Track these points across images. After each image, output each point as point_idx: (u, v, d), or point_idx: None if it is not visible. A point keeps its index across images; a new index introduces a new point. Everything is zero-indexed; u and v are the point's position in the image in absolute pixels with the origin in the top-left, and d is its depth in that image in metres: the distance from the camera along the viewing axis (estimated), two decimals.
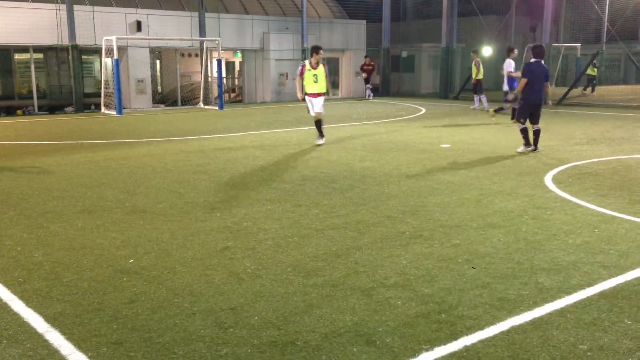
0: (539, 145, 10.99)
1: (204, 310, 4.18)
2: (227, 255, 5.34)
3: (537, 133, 10.90)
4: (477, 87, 20.47)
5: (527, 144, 10.91)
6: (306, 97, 12.18)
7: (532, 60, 10.70)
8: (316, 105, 12.13)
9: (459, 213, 6.73)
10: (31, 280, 4.75)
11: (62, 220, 6.51)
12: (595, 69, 28.48)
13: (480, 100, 20.65)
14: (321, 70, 12.06)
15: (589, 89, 28.44)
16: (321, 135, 12.31)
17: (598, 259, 5.16)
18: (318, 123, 12.27)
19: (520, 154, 10.76)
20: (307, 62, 12.17)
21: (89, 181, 8.64)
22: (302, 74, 12.10)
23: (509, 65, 16.13)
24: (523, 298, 4.34)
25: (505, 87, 16.45)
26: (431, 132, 14.27)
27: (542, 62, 10.70)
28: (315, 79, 12.02)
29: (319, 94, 12.14)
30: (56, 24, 20.30)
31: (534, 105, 10.74)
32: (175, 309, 4.21)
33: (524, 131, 10.89)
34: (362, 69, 26.73)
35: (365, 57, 27.05)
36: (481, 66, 20.17)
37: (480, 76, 20.19)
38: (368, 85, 26.74)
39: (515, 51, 16.63)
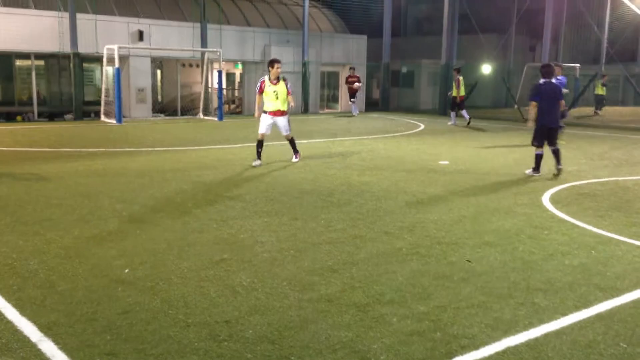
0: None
1: (199, 322, 4.16)
2: (223, 267, 5.33)
3: (556, 152, 10.40)
4: (460, 104, 20.90)
5: (537, 169, 10.43)
6: (263, 114, 11.27)
7: (542, 81, 10.28)
8: (282, 128, 11.37)
9: (455, 230, 6.73)
10: (26, 288, 4.73)
11: (58, 229, 6.49)
12: (604, 89, 28.59)
13: (458, 116, 21.14)
14: (282, 86, 11.10)
15: (596, 108, 28.56)
16: (295, 152, 11.74)
17: (595, 280, 5.16)
18: (292, 141, 11.68)
19: (528, 176, 10.33)
20: (266, 77, 11.19)
21: (87, 189, 8.62)
22: (261, 90, 11.19)
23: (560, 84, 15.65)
24: (519, 318, 4.33)
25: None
26: (430, 149, 14.31)
27: (553, 81, 10.35)
28: (275, 96, 11.08)
29: (281, 113, 11.22)
30: (58, 32, 20.37)
31: (548, 128, 10.23)
32: (169, 320, 4.19)
33: (539, 157, 10.37)
34: (347, 82, 25.46)
35: (351, 68, 25.81)
36: (462, 84, 20.62)
37: (462, 93, 20.77)
38: (353, 100, 25.44)
39: (557, 69, 15.91)
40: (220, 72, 22.25)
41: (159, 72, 25.28)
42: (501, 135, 17.69)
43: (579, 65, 31.79)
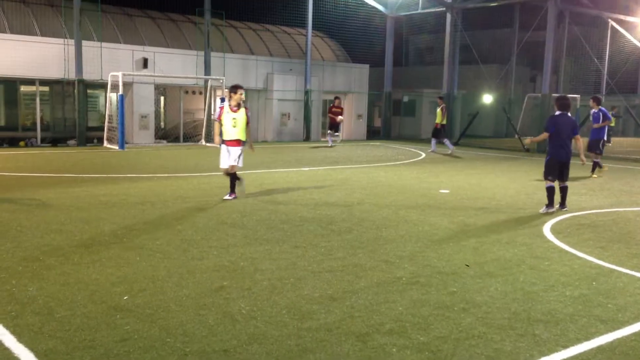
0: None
1: (197, 351, 4.13)
2: (222, 295, 5.31)
3: (564, 190, 10.02)
4: (440, 132, 21.51)
5: (550, 205, 9.87)
6: (222, 144, 10.38)
7: (557, 112, 9.89)
8: (231, 156, 10.27)
9: (456, 260, 6.71)
10: (24, 315, 4.71)
11: (58, 254, 6.48)
12: (614, 120, 28.72)
13: (442, 144, 21.76)
14: (242, 114, 10.36)
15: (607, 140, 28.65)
16: (232, 191, 10.48)
17: (596, 312, 5.13)
18: (233, 176, 10.45)
19: (542, 214, 9.68)
20: (226, 103, 10.48)
21: (88, 215, 8.63)
22: (220, 116, 10.42)
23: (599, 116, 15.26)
24: (519, 350, 4.29)
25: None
26: (430, 177, 14.34)
27: (569, 114, 9.91)
28: (233, 124, 10.26)
29: (236, 142, 10.31)
30: (64, 59, 20.61)
31: (561, 162, 9.84)
32: (167, 349, 4.16)
33: (551, 191, 9.85)
34: (330, 112, 23.03)
35: (336, 98, 23.55)
36: (445, 113, 21.40)
37: (444, 122, 21.46)
38: (336, 134, 23.47)
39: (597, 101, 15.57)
40: (223, 99, 22.42)
41: (162, 98, 25.49)
42: (502, 164, 17.72)
43: (579, 96, 32.03)
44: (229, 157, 10.33)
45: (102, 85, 22.01)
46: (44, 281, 5.55)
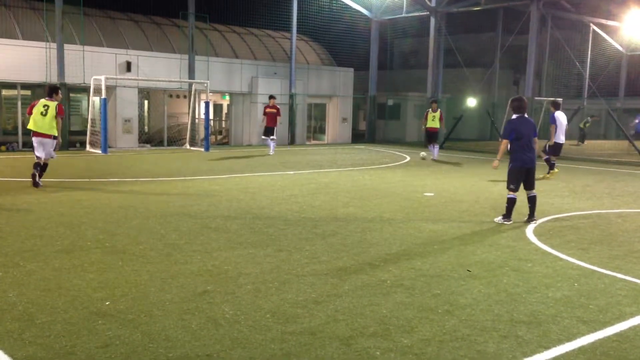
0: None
1: (179, 356, 4.10)
2: (205, 299, 5.27)
3: (532, 200, 9.21)
4: (435, 137, 20.92)
5: (507, 216, 9.12)
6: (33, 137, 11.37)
7: (514, 116, 9.18)
8: (46, 147, 11.48)
9: (440, 262, 6.73)
10: (4, 321, 4.64)
11: (39, 260, 6.40)
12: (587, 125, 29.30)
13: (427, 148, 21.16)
14: (52, 105, 11.35)
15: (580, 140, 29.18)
16: (36, 181, 11.36)
17: (577, 313, 5.17)
18: (44, 167, 11.54)
19: (498, 224, 9.04)
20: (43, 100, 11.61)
21: (69, 220, 8.54)
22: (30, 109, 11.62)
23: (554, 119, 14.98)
24: (502, 352, 4.31)
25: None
26: (415, 180, 14.39)
27: (526, 116, 9.19)
28: (44, 112, 11.30)
29: (46, 135, 11.34)
30: (45, 62, 20.41)
31: (526, 169, 9.07)
32: (149, 354, 4.12)
33: (512, 202, 9.07)
34: (265, 113, 20.60)
35: (271, 97, 20.95)
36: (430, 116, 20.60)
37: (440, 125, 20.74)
38: (272, 137, 20.75)
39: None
40: (207, 103, 22.36)
41: (146, 102, 25.34)
42: (486, 167, 17.82)
43: (561, 99, 32.36)
44: (40, 149, 11.46)
45: (85, 89, 21.82)
46: (24, 287, 5.48)
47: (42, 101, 11.62)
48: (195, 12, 23.94)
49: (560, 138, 15.12)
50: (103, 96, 19.53)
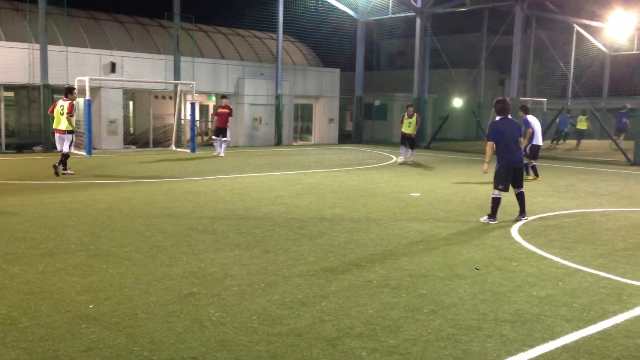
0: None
1: (164, 359, 4.07)
2: (191, 301, 5.25)
3: (521, 196, 9.37)
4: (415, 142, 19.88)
5: (492, 216, 9.21)
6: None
7: (498, 118, 9.24)
8: (64, 142, 14.02)
9: (426, 262, 6.75)
10: None
11: (22, 263, 6.34)
12: (586, 123, 29.50)
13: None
14: (65, 104, 13.92)
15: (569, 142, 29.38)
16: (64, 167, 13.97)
17: (561, 312, 5.21)
18: (65, 157, 13.99)
19: (484, 224, 9.12)
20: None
21: (54, 223, 8.46)
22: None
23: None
24: (487, 351, 4.33)
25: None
26: (402, 181, 14.43)
27: (510, 117, 9.27)
28: (61, 111, 13.95)
29: (62, 131, 14.01)
30: (29, 63, 20.21)
31: (514, 169, 9.15)
32: (134, 357, 4.09)
33: (497, 202, 9.17)
34: (217, 113, 20.54)
35: (223, 97, 20.90)
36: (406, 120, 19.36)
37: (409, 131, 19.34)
38: (225, 139, 20.27)
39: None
40: (193, 104, 22.26)
41: (131, 103, 25.17)
42: (472, 167, 17.93)
43: (545, 99, 32.65)
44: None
45: None
46: (7, 290, 5.42)
47: (60, 102, 14.16)
48: (181, 13, 23.82)
49: (537, 140, 14.94)
50: (87, 97, 19.37)
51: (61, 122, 14.00)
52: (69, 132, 14.06)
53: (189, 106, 22.77)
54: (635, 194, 12.99)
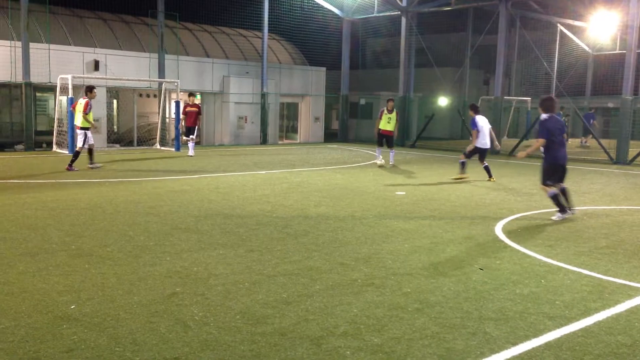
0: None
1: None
2: (174, 301, 5.21)
3: (565, 192, 9.74)
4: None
5: (562, 210, 9.48)
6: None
7: (544, 116, 9.48)
8: (87, 138, 14.97)
9: (411, 261, 6.76)
10: None
11: (2, 263, 6.25)
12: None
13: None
14: (83, 103, 14.90)
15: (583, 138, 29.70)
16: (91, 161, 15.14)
17: (544, 309, 5.24)
18: (90, 153, 15.09)
19: (555, 221, 9.34)
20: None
21: (35, 222, 8.36)
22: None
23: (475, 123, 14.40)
24: (471, 348, 4.35)
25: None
26: (387, 179, 14.45)
27: (555, 115, 9.56)
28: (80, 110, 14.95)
29: (80, 128, 14.99)
30: (10, 61, 19.96)
31: (562, 165, 9.56)
32: (116, 358, 4.05)
33: (556, 198, 9.45)
34: (185, 112, 19.74)
35: (190, 95, 20.05)
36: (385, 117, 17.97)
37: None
38: (192, 137, 19.84)
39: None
40: (178, 103, 22.12)
41: (115, 102, 24.96)
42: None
43: (529, 98, 32.89)
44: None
45: (52, 88, 21.39)
46: None
47: (80, 99, 15.17)
48: (165, 11, 23.67)
49: (484, 142, 14.32)
50: (70, 95, 19.17)
51: (77, 118, 15.09)
52: (82, 128, 14.90)
53: (173, 104, 22.63)
54: (617, 192, 13.13)
